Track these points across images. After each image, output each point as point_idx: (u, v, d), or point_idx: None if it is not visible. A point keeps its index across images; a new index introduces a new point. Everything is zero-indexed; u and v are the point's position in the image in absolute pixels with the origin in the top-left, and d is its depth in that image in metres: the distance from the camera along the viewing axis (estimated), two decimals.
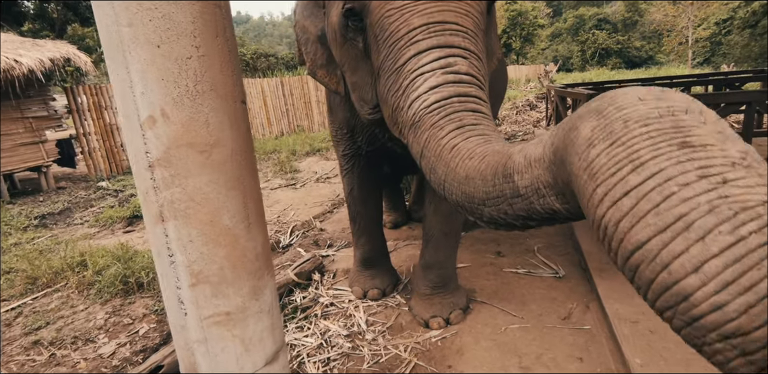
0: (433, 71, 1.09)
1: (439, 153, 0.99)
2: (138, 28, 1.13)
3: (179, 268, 1.31)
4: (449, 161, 0.96)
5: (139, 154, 1.24)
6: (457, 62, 1.10)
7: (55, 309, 2.71)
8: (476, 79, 1.11)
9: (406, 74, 1.14)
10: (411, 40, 1.15)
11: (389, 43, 1.20)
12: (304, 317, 2.51)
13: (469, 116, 1.01)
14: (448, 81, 1.07)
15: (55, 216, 4.94)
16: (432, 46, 1.12)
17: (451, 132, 0.99)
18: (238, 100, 1.35)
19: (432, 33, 1.13)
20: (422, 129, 1.06)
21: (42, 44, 6.67)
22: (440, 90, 1.06)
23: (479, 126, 1.00)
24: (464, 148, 0.95)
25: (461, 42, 1.14)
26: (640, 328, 2.01)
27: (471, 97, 1.06)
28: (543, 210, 0.76)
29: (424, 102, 1.07)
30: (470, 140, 0.96)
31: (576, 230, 3.13)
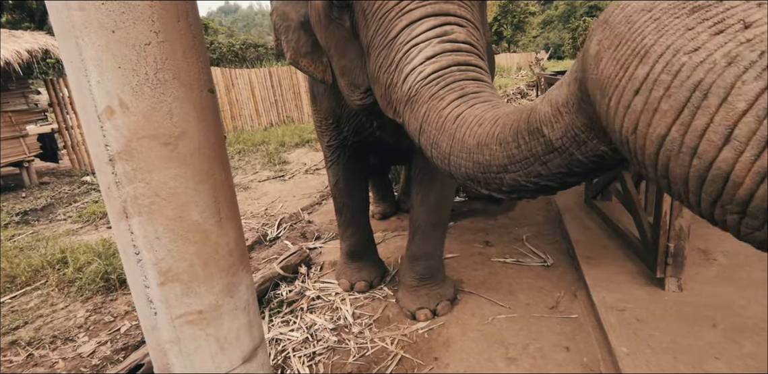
0: (429, 41, 1.02)
1: (441, 125, 0.91)
2: (90, 12, 1.05)
3: (146, 266, 1.25)
4: (455, 132, 0.88)
5: (98, 147, 1.16)
6: (454, 30, 1.03)
7: (35, 307, 2.65)
8: (475, 48, 1.04)
9: (398, 47, 1.06)
10: (403, 10, 1.07)
11: (379, 15, 1.13)
12: (290, 311, 2.47)
13: (471, 85, 0.93)
14: (445, 50, 0.99)
15: (37, 212, 4.83)
16: (426, 15, 1.05)
17: (453, 101, 0.91)
18: (204, 88, 1.28)
19: (425, 1, 1.06)
20: (420, 102, 0.98)
21: (19, 35, 6.46)
22: (438, 59, 0.98)
23: (483, 93, 0.93)
24: (471, 115, 0.86)
25: (457, 10, 1.07)
26: (627, 316, 1.99)
27: (471, 66, 0.99)
28: (587, 160, 0.67)
29: (421, 73, 0.99)
30: (476, 107, 0.87)
31: (564, 218, 3.11)
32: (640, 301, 2.09)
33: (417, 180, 2.19)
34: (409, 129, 1.04)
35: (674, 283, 2.13)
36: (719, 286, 2.15)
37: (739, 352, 1.70)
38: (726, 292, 2.09)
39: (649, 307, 2.04)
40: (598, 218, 2.99)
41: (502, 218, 3.53)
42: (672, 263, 2.09)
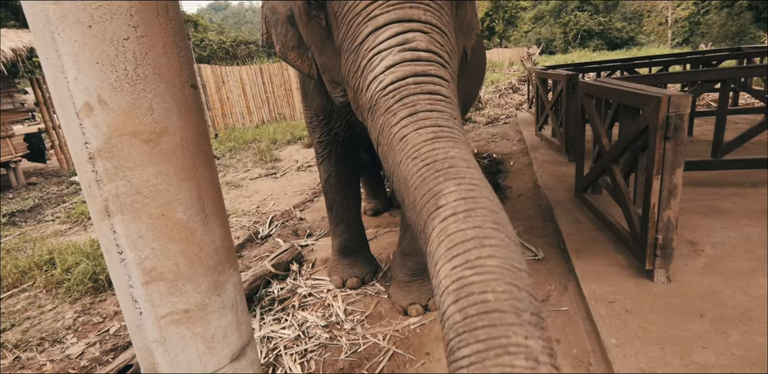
0: (390, 49, 1.01)
1: (390, 142, 0.93)
2: (65, 6, 1.03)
3: (130, 265, 1.23)
4: (396, 154, 0.90)
5: (77, 145, 1.14)
6: (415, 38, 1.01)
7: (22, 309, 2.62)
8: (437, 55, 1.03)
9: (364, 53, 1.06)
10: (369, 15, 1.06)
11: (347, 19, 1.12)
12: (281, 308, 2.46)
13: (424, 101, 0.94)
14: (405, 59, 0.99)
15: (25, 213, 4.77)
16: (390, 21, 1.04)
17: (403, 119, 0.92)
18: (186, 84, 1.25)
19: (390, 6, 1.04)
20: (378, 114, 0.99)
21: (3, 34, 6.36)
22: (396, 69, 0.98)
23: (433, 113, 0.92)
24: (411, 142, 0.87)
25: (422, 15, 1.05)
26: (617, 308, 2.00)
27: (429, 76, 0.98)
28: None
29: (380, 83, 0.99)
30: (419, 133, 0.88)
31: (555, 212, 3.11)
32: (630, 293, 2.11)
33: None
34: (372, 137, 1.06)
35: (663, 274, 2.14)
36: (707, 277, 2.16)
37: (726, 342, 1.72)
38: (713, 282, 2.11)
39: (638, 299, 2.05)
40: (589, 212, 3.00)
41: None
42: (660, 254, 2.10)
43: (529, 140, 5.47)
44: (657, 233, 2.08)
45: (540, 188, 3.79)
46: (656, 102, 1.93)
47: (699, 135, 4.77)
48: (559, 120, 4.69)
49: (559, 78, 4.49)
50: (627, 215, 2.34)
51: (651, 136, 1.98)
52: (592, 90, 2.81)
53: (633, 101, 2.26)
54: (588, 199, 3.02)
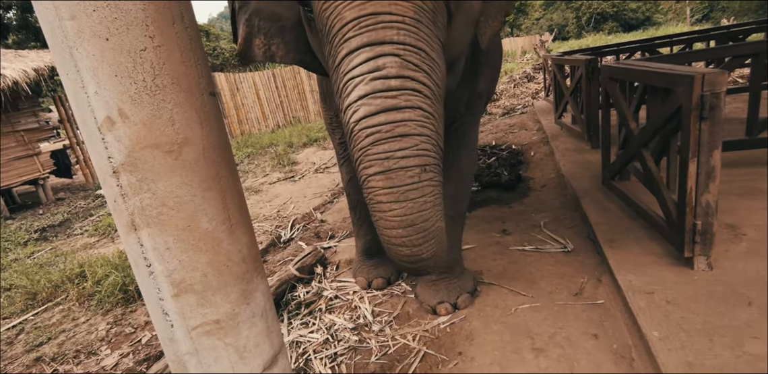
0: (362, 76, 1.03)
1: (366, 189, 1.08)
2: (82, 21, 1.01)
3: (159, 278, 1.22)
4: (372, 205, 1.09)
5: (101, 160, 1.13)
6: (385, 65, 1.01)
7: (57, 323, 2.67)
8: (409, 80, 1.02)
9: (341, 77, 1.08)
10: (344, 38, 1.06)
11: (329, 39, 1.12)
12: (308, 312, 2.44)
13: (396, 151, 1.02)
14: (375, 90, 1.01)
15: (55, 228, 4.91)
16: (362, 45, 1.03)
17: (377, 176, 1.04)
18: (205, 92, 1.23)
19: (362, 28, 1.03)
20: (355, 145, 1.06)
21: (25, 55, 6.56)
22: (368, 102, 1.02)
23: (406, 174, 1.04)
24: (388, 222, 1.08)
25: (394, 36, 1.03)
26: (656, 299, 1.90)
27: (399, 110, 1.01)
28: None
29: (355, 114, 1.03)
30: (395, 213, 1.07)
31: (582, 202, 3.01)
32: (669, 282, 2.00)
33: None
34: (352, 157, 1.13)
35: (703, 262, 2.03)
36: (751, 262, 2.04)
37: None
38: (759, 268, 1.99)
39: (679, 288, 1.95)
40: (618, 200, 2.89)
41: (517, 206, 3.45)
42: (700, 241, 1.99)
43: (548, 129, 5.33)
44: (695, 218, 1.97)
45: (564, 177, 3.68)
46: (689, 81, 1.82)
47: (728, 113, 4.56)
48: (579, 107, 4.55)
49: (578, 63, 4.34)
50: (661, 201, 2.23)
51: (685, 117, 1.88)
52: (616, 73, 2.69)
53: (662, 81, 2.14)
54: (616, 186, 2.91)
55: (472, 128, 2.12)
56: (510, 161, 4.60)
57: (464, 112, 1.97)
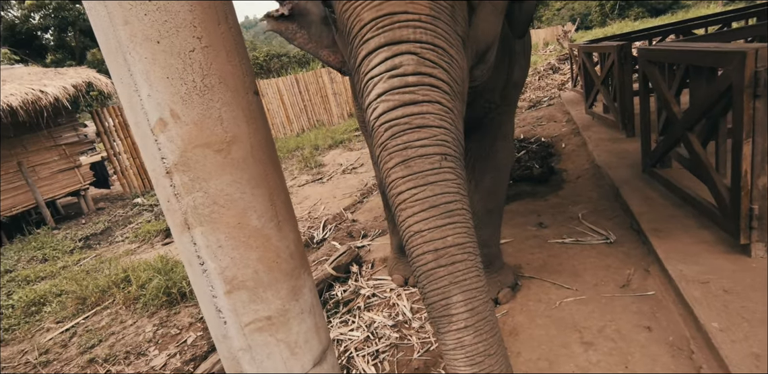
0: (381, 75, 1.04)
1: (388, 185, 1.06)
2: (134, 25, 1.04)
3: (212, 276, 1.24)
4: (395, 205, 1.05)
5: (154, 161, 1.15)
6: (402, 63, 1.02)
7: (106, 326, 2.77)
8: (427, 76, 1.02)
9: (361, 77, 1.10)
10: (363, 39, 1.07)
11: (349, 40, 1.13)
12: (347, 311, 2.44)
13: (415, 141, 1.01)
14: (393, 87, 1.02)
15: (97, 236, 5.11)
16: (380, 45, 1.04)
17: (396, 167, 1.02)
18: (250, 91, 1.24)
19: (380, 28, 1.04)
20: (376, 141, 1.06)
21: (64, 72, 6.87)
22: (386, 98, 1.03)
23: (425, 162, 1.01)
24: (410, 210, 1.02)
25: (410, 34, 1.03)
26: (712, 289, 1.81)
27: (417, 104, 1.01)
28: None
29: (375, 111, 1.05)
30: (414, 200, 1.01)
31: (622, 191, 2.89)
32: (725, 271, 1.90)
33: (470, 165, 2.09)
34: (373, 154, 1.14)
35: (762, 248, 1.92)
36: None
37: None
38: None
39: (736, 277, 1.85)
40: (661, 187, 2.77)
41: (552, 198, 3.35)
42: (757, 226, 1.88)
43: (578, 120, 5.18)
44: (751, 202, 1.86)
45: (599, 168, 3.56)
46: (740, 58, 1.72)
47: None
48: (611, 95, 4.40)
49: (609, 50, 4.20)
50: (711, 186, 2.12)
51: (736, 96, 1.77)
52: (656, 56, 2.58)
53: (708, 60, 2.03)
54: (659, 174, 2.79)
55: (508, 118, 2.07)
56: (540, 154, 4.48)
57: (500, 102, 1.93)
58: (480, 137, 2.01)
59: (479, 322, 1.02)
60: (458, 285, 1.01)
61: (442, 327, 1.04)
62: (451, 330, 1.02)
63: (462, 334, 1.02)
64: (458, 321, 1.02)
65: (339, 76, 11.27)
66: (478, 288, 1.03)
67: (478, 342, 1.02)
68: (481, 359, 1.02)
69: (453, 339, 1.03)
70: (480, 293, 1.03)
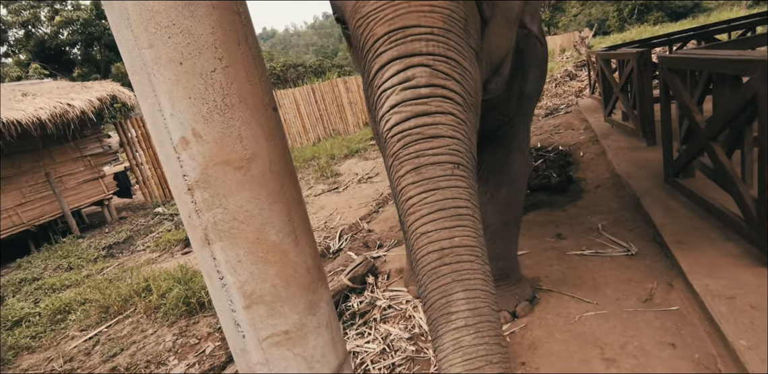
0: (393, 88, 1.04)
1: (398, 193, 1.04)
2: (159, 48, 1.08)
3: (231, 290, 1.26)
4: (404, 211, 1.04)
5: (176, 178, 1.19)
6: (415, 75, 1.03)
7: (128, 334, 2.82)
8: (439, 87, 1.03)
9: (375, 90, 1.10)
10: (376, 53, 1.08)
11: (362, 54, 1.15)
12: (363, 322, 2.44)
13: (427, 150, 1.00)
14: (406, 99, 1.03)
15: (120, 245, 5.23)
16: (392, 59, 1.05)
17: (408, 174, 1.01)
18: (269, 108, 1.28)
19: (392, 42, 1.05)
20: (388, 152, 1.06)
21: (90, 86, 7.13)
22: (399, 110, 1.03)
23: (436, 169, 1.00)
24: (418, 213, 1.00)
25: (423, 47, 1.04)
26: (739, 304, 1.75)
27: (430, 115, 1.01)
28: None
29: (387, 123, 1.05)
30: (425, 203, 0.99)
31: (643, 202, 2.83)
32: (752, 286, 1.84)
33: (484, 178, 2.08)
34: (385, 164, 1.13)
35: None
36: None
37: None
38: None
39: (764, 292, 1.78)
40: (683, 198, 2.70)
41: (571, 209, 3.30)
42: None
43: (597, 127, 5.11)
44: None
45: (619, 177, 3.50)
46: (764, 66, 1.68)
47: None
48: (631, 102, 4.33)
49: (628, 57, 4.15)
50: (737, 197, 2.06)
51: (762, 105, 1.73)
52: (677, 63, 2.53)
53: (732, 68, 1.99)
54: (681, 184, 2.72)
55: (523, 130, 2.06)
56: (558, 163, 4.43)
57: (514, 114, 1.92)
58: (495, 150, 2.00)
59: (482, 324, 0.91)
60: (461, 283, 0.93)
61: (440, 328, 0.94)
62: (449, 330, 0.92)
63: (461, 333, 0.91)
64: (458, 319, 0.92)
65: (355, 86, 11.39)
66: (484, 290, 0.94)
67: (478, 343, 0.90)
68: (481, 364, 0.89)
69: (450, 339, 0.91)
70: (485, 295, 0.94)
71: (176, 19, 1.08)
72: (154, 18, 1.08)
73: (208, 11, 1.12)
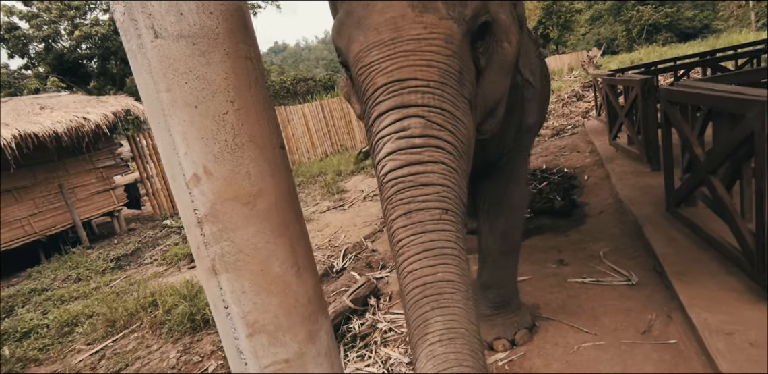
0: (390, 136, 1.11)
1: (390, 235, 1.09)
2: (176, 92, 1.16)
3: (235, 319, 1.32)
4: (395, 250, 1.08)
5: (187, 211, 1.26)
6: (410, 125, 1.09)
7: (133, 350, 2.87)
8: (433, 138, 1.10)
9: (373, 135, 1.17)
10: (375, 101, 1.16)
11: (363, 99, 1.22)
12: (363, 345, 2.47)
13: (417, 196, 1.06)
14: (400, 148, 1.09)
15: (128, 257, 5.31)
16: (390, 108, 1.12)
17: (399, 218, 1.06)
18: (276, 146, 1.35)
19: (390, 93, 1.13)
20: (383, 196, 1.12)
21: (105, 100, 7.33)
22: (394, 157, 1.09)
23: (425, 214, 1.05)
24: (406, 253, 1.04)
25: (418, 99, 1.11)
26: (737, 341, 1.76)
27: (422, 164, 1.07)
28: None
29: (384, 168, 1.11)
30: (413, 244, 1.04)
31: (645, 230, 2.86)
32: (751, 322, 1.85)
33: (484, 207, 2.13)
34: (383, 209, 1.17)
35: None
36: None
37: None
38: None
39: (763, 329, 1.79)
40: (685, 228, 2.72)
41: (574, 234, 3.33)
42: None
43: (602, 151, 5.15)
44: None
45: (623, 202, 3.52)
46: (760, 107, 1.73)
47: None
48: (635, 127, 4.38)
49: (632, 84, 4.21)
50: (736, 232, 2.09)
51: (758, 143, 1.77)
52: (676, 97, 2.59)
53: (730, 106, 2.05)
54: (682, 214, 2.75)
55: (522, 162, 2.11)
56: (563, 186, 4.47)
57: (512, 146, 1.98)
58: (494, 181, 2.06)
59: (456, 339, 0.95)
60: (440, 310, 0.98)
61: (418, 347, 0.98)
62: (425, 347, 0.96)
63: (434, 346, 0.95)
64: (433, 336, 0.96)
65: None
66: (463, 316, 0.98)
67: (450, 352, 0.94)
68: (450, 365, 0.93)
69: (425, 353, 0.96)
70: (464, 320, 0.98)
71: (193, 67, 1.17)
72: (172, 65, 1.16)
73: (222, 59, 1.21)
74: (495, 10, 1.32)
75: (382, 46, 1.14)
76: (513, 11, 1.49)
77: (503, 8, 1.40)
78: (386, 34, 1.14)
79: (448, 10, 1.16)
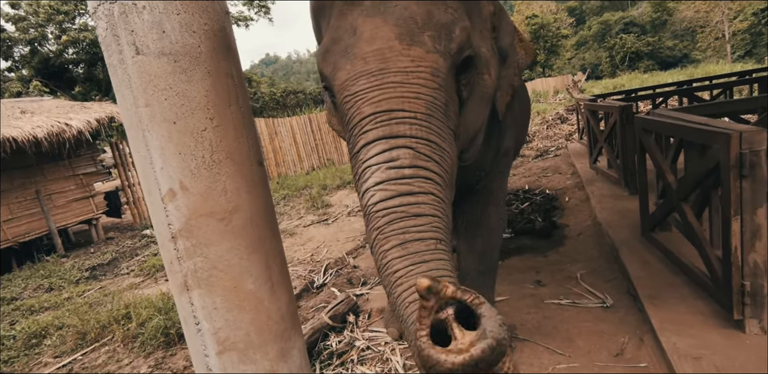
0: (378, 165, 1.10)
1: (383, 267, 1.06)
2: (155, 108, 1.18)
3: (206, 336, 1.31)
4: (389, 288, 1.04)
5: (161, 226, 1.26)
6: (399, 156, 1.09)
7: (102, 364, 2.78)
8: (421, 169, 1.11)
9: (359, 163, 1.16)
10: (362, 130, 1.15)
11: (349, 127, 1.22)
12: (340, 363, 2.44)
13: (411, 227, 1.05)
14: (390, 178, 1.08)
15: (104, 267, 5.18)
16: (378, 138, 1.12)
17: (393, 249, 1.04)
18: (254, 163, 1.37)
19: (378, 123, 1.13)
20: (371, 226, 1.09)
21: (89, 106, 7.25)
22: (384, 187, 1.08)
23: (420, 244, 1.04)
24: (401, 289, 1.01)
25: (407, 130, 1.12)
26: (705, 365, 1.80)
27: (413, 195, 1.07)
28: None
29: (372, 198, 1.09)
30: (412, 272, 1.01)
31: (621, 253, 2.92)
32: (718, 347, 1.90)
33: (462, 227, 2.17)
34: (366, 229, 1.16)
35: (755, 325, 1.92)
36: None
37: None
38: None
39: (730, 353, 1.84)
40: (659, 252, 2.79)
41: (552, 255, 3.38)
42: (750, 303, 1.90)
43: (583, 173, 5.28)
44: (743, 279, 1.89)
45: (601, 225, 3.60)
46: (725, 139, 1.82)
47: None
48: (614, 152, 4.52)
49: (611, 110, 4.36)
50: (705, 258, 2.16)
51: (724, 174, 1.86)
52: (650, 125, 2.70)
53: (698, 137, 2.14)
54: (656, 239, 2.83)
55: (500, 184, 2.17)
56: (544, 207, 4.55)
57: (490, 170, 2.04)
58: (473, 203, 2.11)
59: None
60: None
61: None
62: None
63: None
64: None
65: None
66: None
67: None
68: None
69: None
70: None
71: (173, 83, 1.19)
72: (152, 81, 1.18)
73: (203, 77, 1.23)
74: (477, 44, 1.38)
75: (369, 76, 1.16)
76: (494, 45, 1.55)
77: (485, 42, 1.46)
78: (374, 65, 1.16)
79: (434, 43, 1.19)
